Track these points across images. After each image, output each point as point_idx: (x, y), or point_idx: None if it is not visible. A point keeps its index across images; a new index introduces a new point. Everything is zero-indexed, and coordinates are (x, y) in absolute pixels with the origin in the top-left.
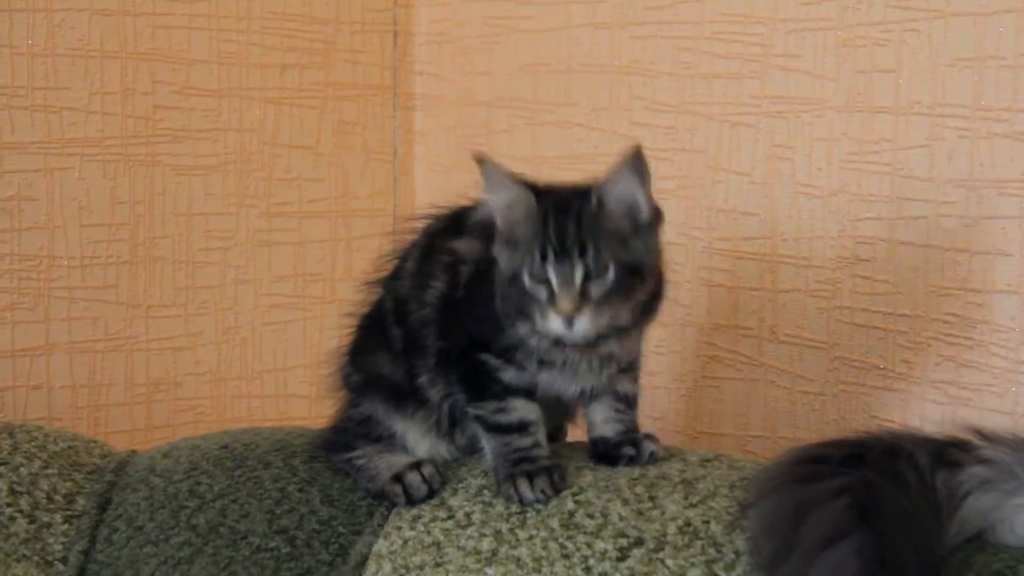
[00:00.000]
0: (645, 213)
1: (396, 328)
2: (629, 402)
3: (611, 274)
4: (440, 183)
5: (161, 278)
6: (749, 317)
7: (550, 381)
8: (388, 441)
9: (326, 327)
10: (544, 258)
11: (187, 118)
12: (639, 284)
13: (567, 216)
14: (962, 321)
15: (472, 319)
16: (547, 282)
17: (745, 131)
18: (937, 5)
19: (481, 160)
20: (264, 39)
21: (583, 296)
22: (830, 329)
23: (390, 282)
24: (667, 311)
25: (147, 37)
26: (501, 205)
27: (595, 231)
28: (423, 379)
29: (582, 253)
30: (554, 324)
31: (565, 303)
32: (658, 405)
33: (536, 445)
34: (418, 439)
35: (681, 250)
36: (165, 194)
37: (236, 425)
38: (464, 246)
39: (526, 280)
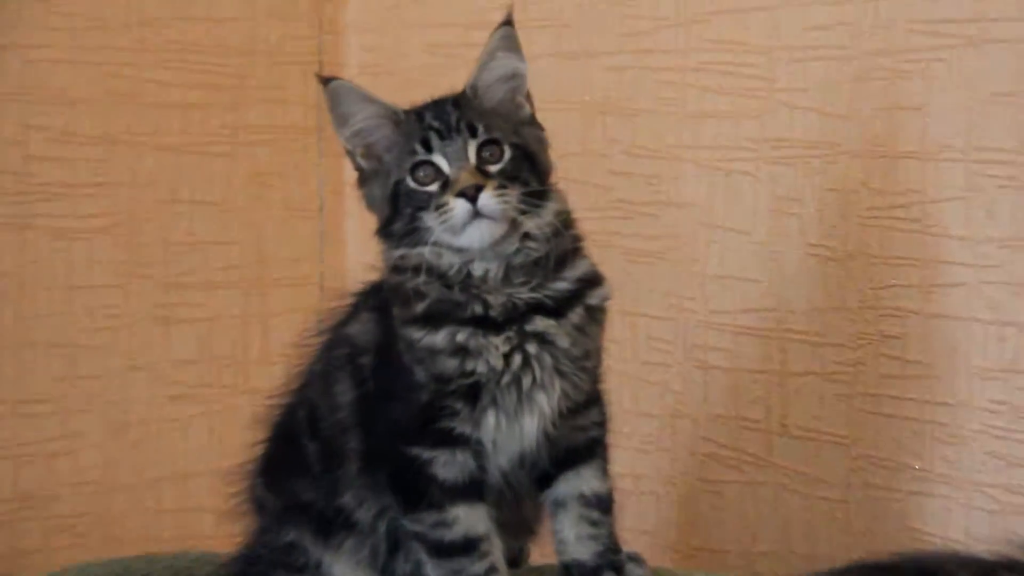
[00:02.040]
0: (527, 99)
1: (311, 442)
2: (603, 506)
3: (507, 153)
4: (372, 244)
5: (33, 367)
6: (754, 406)
7: (496, 424)
8: (314, 572)
9: (238, 423)
10: (428, 146)
11: (66, 171)
12: (534, 179)
13: (444, 107)
14: (1012, 410)
15: (390, 406)
16: (436, 168)
17: (743, 180)
18: (969, 31)
19: (328, 80)
20: (161, 74)
21: (481, 172)
22: (852, 421)
23: (300, 389)
24: (655, 400)
25: (15, 72)
26: (361, 128)
27: (479, 113)
28: (347, 498)
29: (472, 131)
30: (456, 209)
31: (464, 174)
32: (645, 515)
33: (492, 570)
34: (348, 574)
35: (669, 325)
36: (39, 263)
37: (126, 548)
38: (358, 329)
39: (410, 183)
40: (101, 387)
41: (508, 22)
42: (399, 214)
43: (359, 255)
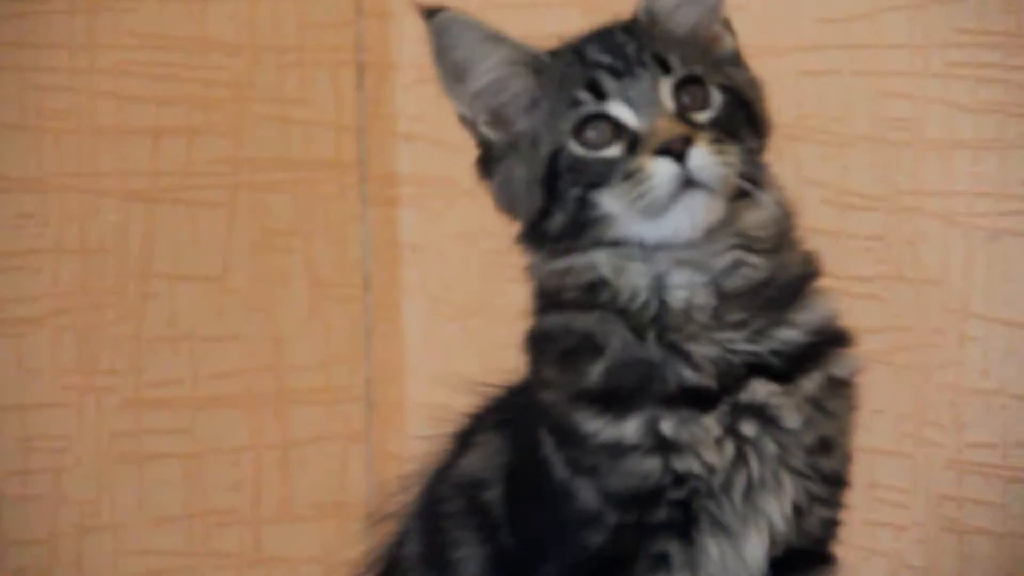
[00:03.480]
0: (727, 28)
1: None
2: None
3: (715, 97)
4: (449, 338)
5: None
6: None
7: (720, 556)
8: None
9: None
10: (599, 91)
11: None
12: (752, 134)
13: (613, 36)
14: None
15: (541, 563)
16: (615, 123)
17: (1017, 245)
18: None
19: (433, 12)
20: (124, 83)
21: (684, 120)
22: None
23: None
24: None
25: None
26: (488, 83)
27: (667, 41)
28: None
29: (663, 65)
30: (658, 175)
31: (662, 122)
32: None
33: None
34: None
35: (904, 465)
36: None
37: None
38: (477, 460)
39: (576, 150)
40: (43, 554)
41: None
42: (560, 200)
43: (425, 353)
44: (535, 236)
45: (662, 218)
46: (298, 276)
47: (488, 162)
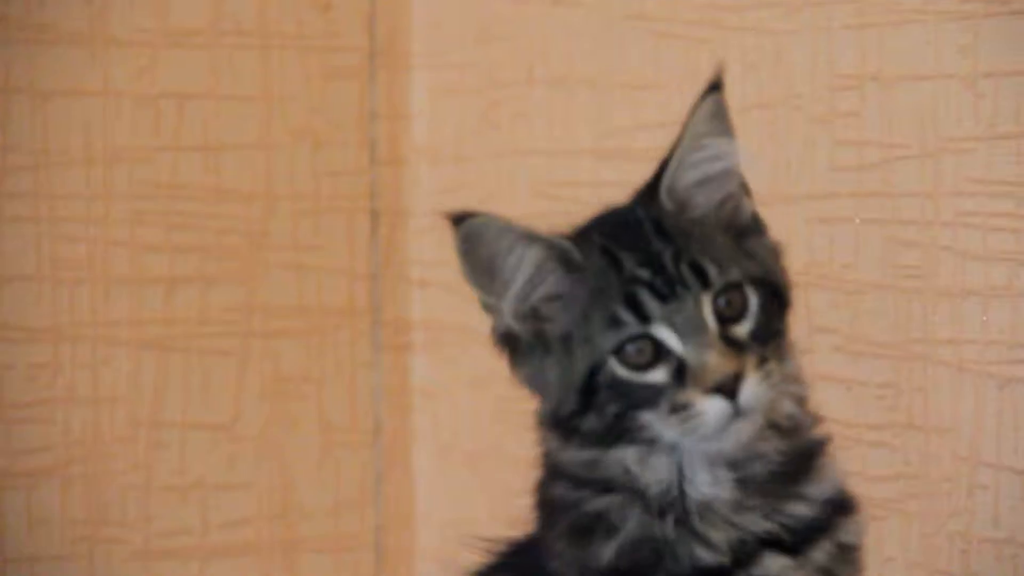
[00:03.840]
0: (743, 189)
1: None
2: None
3: (751, 300)
4: (460, 485)
5: None
6: None
7: None
8: None
9: None
10: (641, 311)
11: None
12: (782, 318)
13: (641, 234)
14: None
15: None
16: (659, 346)
17: None
18: None
19: (461, 218)
20: (138, 233)
21: (728, 342)
22: None
23: None
24: None
25: None
26: (521, 285)
27: (695, 237)
28: None
29: (701, 277)
30: (709, 413)
31: (712, 356)
32: None
33: None
34: None
35: None
36: None
37: None
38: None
39: (618, 370)
40: None
41: (716, 86)
42: (595, 411)
43: (435, 500)
44: (563, 428)
45: (706, 440)
46: (309, 423)
47: (516, 353)
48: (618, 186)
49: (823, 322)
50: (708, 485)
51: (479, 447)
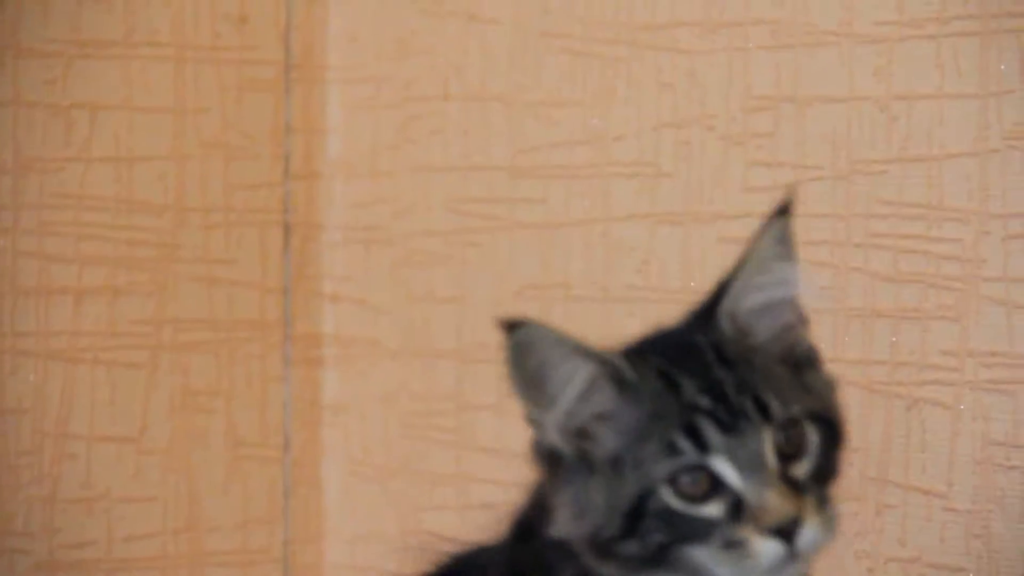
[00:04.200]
0: (804, 326)
1: None
2: None
3: (809, 438)
4: (370, 500)
5: None
6: None
7: None
8: None
9: None
10: (701, 441)
11: None
12: (838, 451)
13: (701, 359)
14: None
15: None
16: (715, 480)
17: (933, 412)
18: None
19: (515, 325)
20: (47, 243)
21: (787, 481)
22: None
23: None
24: None
25: None
26: (571, 402)
27: (756, 366)
28: None
29: (762, 411)
30: (764, 554)
31: (772, 496)
32: None
33: None
34: None
35: None
36: None
37: None
38: None
39: (669, 500)
40: None
41: (785, 210)
42: (639, 538)
43: (344, 515)
44: (598, 549)
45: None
46: (217, 436)
47: (555, 469)
48: (532, 203)
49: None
50: None
51: (389, 462)
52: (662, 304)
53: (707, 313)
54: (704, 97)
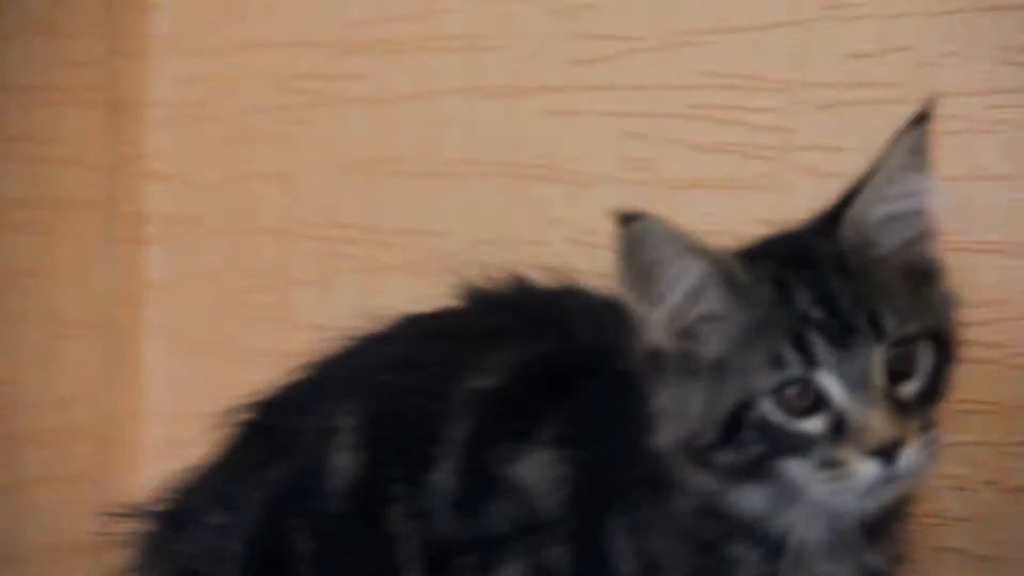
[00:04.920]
0: (931, 239)
1: None
2: None
3: (922, 358)
4: (191, 377)
5: None
6: None
7: None
8: None
9: None
10: (809, 354)
11: None
12: (950, 371)
13: (819, 268)
14: None
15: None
16: (820, 395)
17: None
18: None
19: (632, 218)
20: None
21: (893, 402)
22: None
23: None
24: None
25: None
26: (681, 299)
27: (874, 281)
28: None
29: (876, 328)
30: (862, 475)
31: (876, 417)
32: None
33: None
34: None
35: None
36: None
37: None
38: (534, 468)
39: (770, 412)
40: None
41: (923, 117)
42: (735, 447)
43: (165, 393)
44: (695, 454)
45: (853, 503)
46: (39, 316)
47: (655, 371)
48: (359, 79)
49: (556, 214)
50: (814, 531)
51: (211, 340)
52: (488, 178)
53: (832, 220)
54: None
